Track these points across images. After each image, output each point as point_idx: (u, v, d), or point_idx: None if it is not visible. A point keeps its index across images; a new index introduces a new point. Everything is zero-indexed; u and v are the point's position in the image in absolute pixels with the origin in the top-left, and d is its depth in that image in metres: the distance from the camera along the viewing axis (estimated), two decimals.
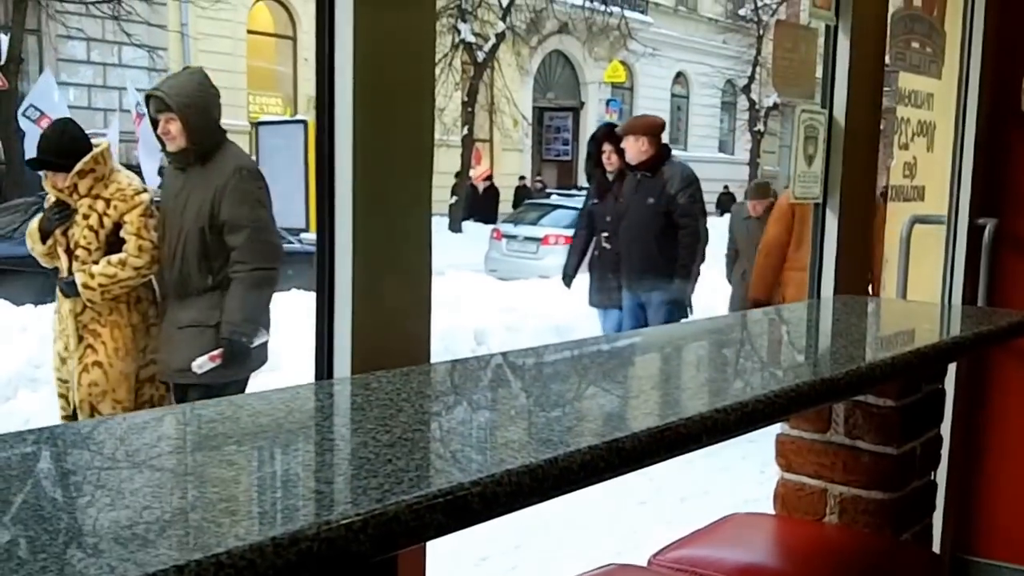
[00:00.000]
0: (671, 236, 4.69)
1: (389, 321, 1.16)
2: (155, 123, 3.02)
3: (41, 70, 14.40)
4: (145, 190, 3.10)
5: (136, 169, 4.01)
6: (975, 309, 2.27)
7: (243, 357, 2.98)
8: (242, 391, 2.99)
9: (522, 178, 20.80)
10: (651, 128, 4.83)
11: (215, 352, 2.92)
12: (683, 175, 4.76)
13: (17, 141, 12.08)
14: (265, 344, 3.11)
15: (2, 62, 11.20)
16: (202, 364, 2.91)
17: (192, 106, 2.95)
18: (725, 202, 24.05)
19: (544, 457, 0.77)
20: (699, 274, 4.91)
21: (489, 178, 19.94)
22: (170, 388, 3.09)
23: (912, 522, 1.63)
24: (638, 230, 4.75)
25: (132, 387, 3.05)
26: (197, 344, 2.94)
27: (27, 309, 5.91)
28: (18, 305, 5.97)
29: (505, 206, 19.07)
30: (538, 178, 21.28)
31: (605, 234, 4.91)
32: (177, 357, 2.97)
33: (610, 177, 4.93)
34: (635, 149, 4.72)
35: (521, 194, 19.63)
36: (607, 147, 4.89)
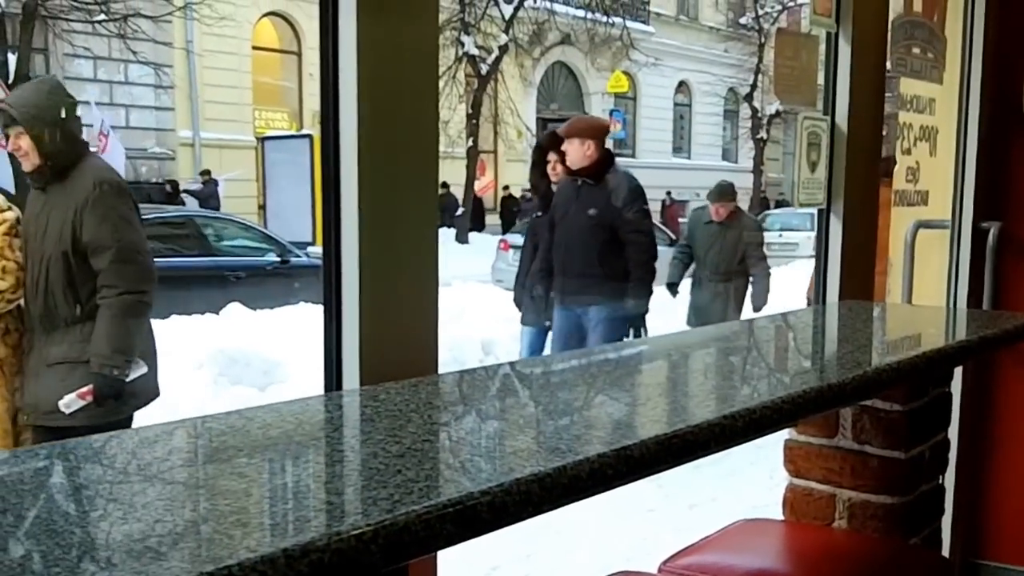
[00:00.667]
0: (614, 251, 4.23)
1: (397, 332, 1.16)
2: (6, 138, 2.71)
3: None
4: (11, 208, 2.78)
5: None
6: (980, 312, 2.26)
7: (117, 393, 2.65)
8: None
9: (507, 187, 20.73)
10: (597, 130, 4.35)
11: (84, 389, 2.62)
12: (631, 187, 4.31)
13: None
14: (149, 376, 2.79)
15: (10, 81, 11.28)
16: (70, 403, 2.61)
17: (41, 118, 2.67)
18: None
19: (553, 465, 0.78)
20: (652, 292, 4.54)
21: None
22: (39, 432, 2.70)
23: (921, 526, 1.63)
24: (576, 242, 4.25)
25: (7, 430, 2.69)
26: (69, 383, 2.63)
27: None
28: None
29: (494, 217, 19.05)
30: (525, 189, 21.19)
31: (544, 247, 4.47)
32: (46, 398, 2.64)
33: (555, 188, 4.48)
34: (579, 153, 4.22)
35: (507, 204, 19.57)
36: (552, 156, 4.44)
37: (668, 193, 22.28)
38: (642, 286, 4.35)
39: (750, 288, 5.75)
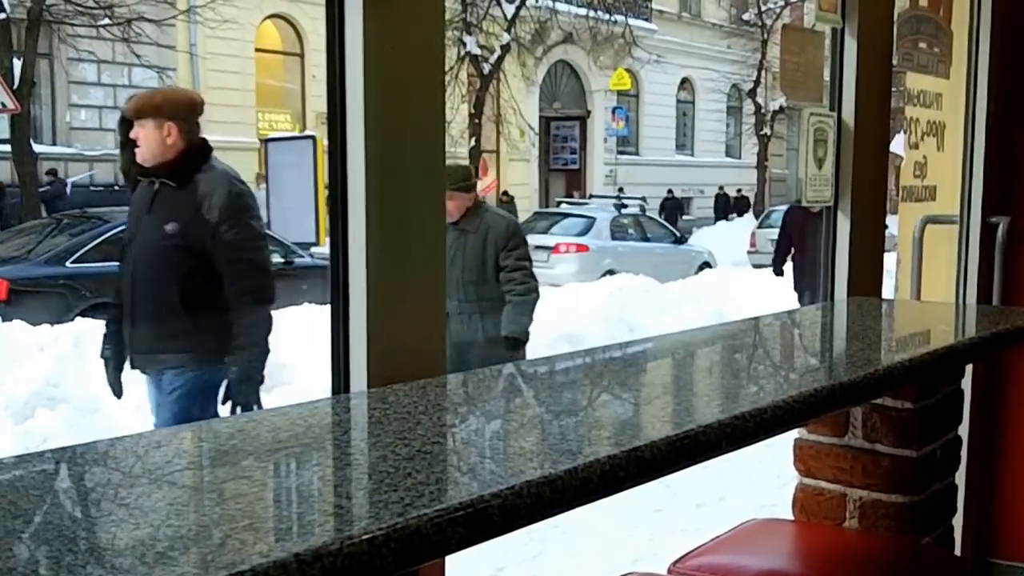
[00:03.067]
0: (206, 287, 2.77)
1: (404, 334, 1.16)
2: None
3: (53, 93, 14.59)
4: None
5: None
6: (990, 308, 2.25)
7: None
8: None
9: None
10: (180, 106, 2.89)
11: None
12: (230, 191, 2.83)
13: (31, 164, 12.19)
14: None
15: (15, 86, 11.31)
16: None
17: None
18: (740, 205, 24.05)
19: (563, 468, 0.77)
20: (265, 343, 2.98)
21: None
22: None
23: (933, 525, 1.62)
24: (147, 272, 2.83)
25: None
26: None
27: (43, 329, 5.96)
28: (34, 325, 6.02)
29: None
30: (504, 193, 20.77)
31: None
32: None
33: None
34: (154, 140, 2.76)
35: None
36: None
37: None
38: (253, 333, 2.87)
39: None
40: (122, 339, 2.90)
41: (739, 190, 23.91)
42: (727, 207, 23.59)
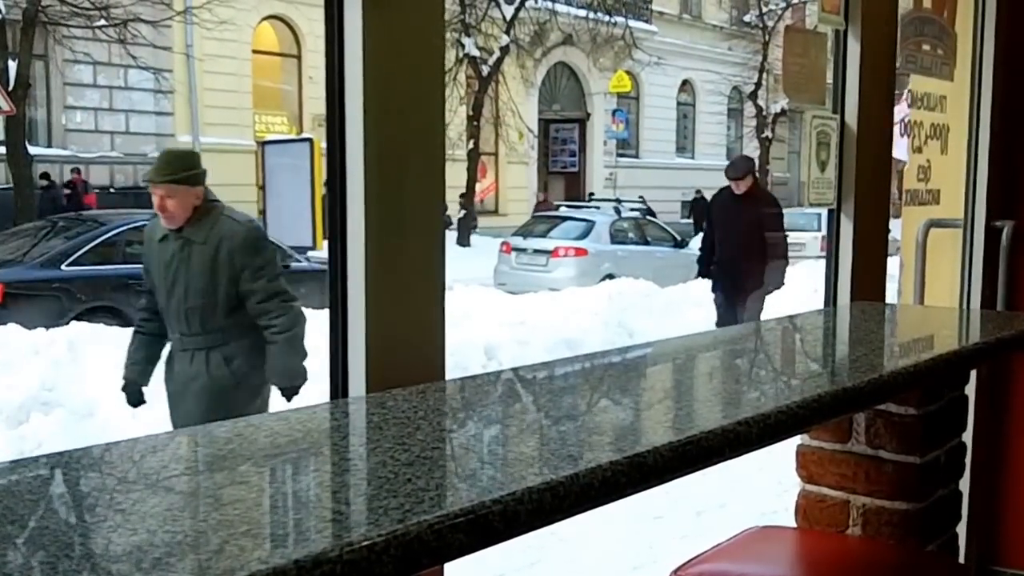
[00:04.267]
0: None
1: (403, 338, 1.15)
2: None
3: (49, 95, 14.57)
4: None
5: None
6: (995, 313, 2.24)
7: None
8: None
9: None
10: None
11: None
12: None
13: (26, 166, 12.20)
14: None
15: (11, 88, 11.31)
16: None
17: None
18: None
19: (565, 474, 0.77)
20: None
21: None
22: None
23: (937, 532, 1.61)
24: None
25: None
26: None
27: (39, 332, 5.95)
28: (30, 328, 6.00)
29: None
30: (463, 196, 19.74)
31: None
32: None
33: None
34: None
35: None
36: None
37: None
38: None
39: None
40: None
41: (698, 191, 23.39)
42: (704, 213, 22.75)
